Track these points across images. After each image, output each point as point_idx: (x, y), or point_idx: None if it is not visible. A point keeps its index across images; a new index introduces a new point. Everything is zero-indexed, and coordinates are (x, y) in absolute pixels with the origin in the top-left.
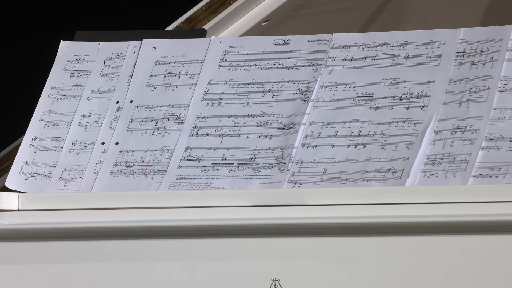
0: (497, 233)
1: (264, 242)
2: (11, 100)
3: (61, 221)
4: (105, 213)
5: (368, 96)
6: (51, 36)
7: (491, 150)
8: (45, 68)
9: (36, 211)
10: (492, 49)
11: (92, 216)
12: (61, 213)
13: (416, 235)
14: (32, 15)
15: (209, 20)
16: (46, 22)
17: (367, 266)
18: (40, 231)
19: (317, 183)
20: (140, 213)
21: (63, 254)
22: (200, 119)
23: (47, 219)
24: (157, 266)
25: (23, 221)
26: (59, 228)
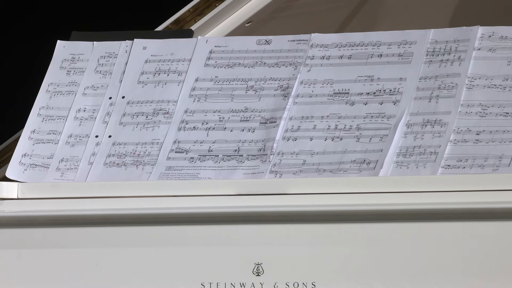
0: (464, 220)
1: (247, 228)
2: (11, 96)
3: (58, 209)
4: (99, 202)
5: (344, 92)
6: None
7: (458, 142)
8: (43, 67)
9: (35, 199)
10: (459, 48)
11: (87, 204)
12: (57, 201)
13: (389, 222)
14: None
15: (196, 21)
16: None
17: (342, 250)
18: (38, 218)
19: (296, 174)
20: (131, 202)
21: (59, 239)
22: (188, 114)
23: (45, 207)
24: (147, 250)
25: (22, 208)
26: (56, 215)
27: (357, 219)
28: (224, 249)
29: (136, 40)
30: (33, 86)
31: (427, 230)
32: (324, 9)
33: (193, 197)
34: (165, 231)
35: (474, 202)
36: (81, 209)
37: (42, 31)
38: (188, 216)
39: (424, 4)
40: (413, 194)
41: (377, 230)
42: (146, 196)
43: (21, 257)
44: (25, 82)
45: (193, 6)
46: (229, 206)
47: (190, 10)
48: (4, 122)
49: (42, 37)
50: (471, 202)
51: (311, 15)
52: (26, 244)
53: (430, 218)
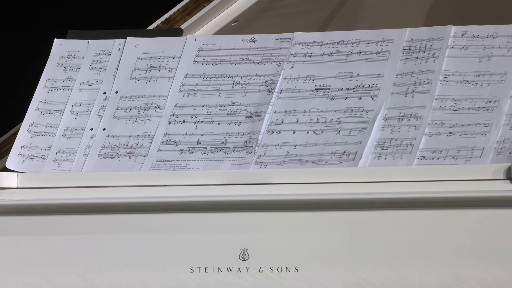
0: (439, 208)
1: (234, 216)
2: (11, 92)
3: (55, 197)
4: (94, 191)
5: (325, 88)
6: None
7: (433, 135)
8: (41, 64)
9: (33, 188)
10: (434, 46)
11: (82, 193)
12: (55, 190)
13: (368, 210)
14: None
15: (185, 21)
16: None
17: (323, 236)
18: (36, 206)
19: (280, 164)
20: (124, 191)
21: (56, 226)
22: (177, 108)
23: (43, 196)
24: (139, 237)
25: (21, 197)
26: (53, 204)
27: (337, 208)
28: (212, 235)
29: (128, 38)
30: (32, 82)
31: (403, 217)
32: (306, 9)
33: (182, 186)
34: (156, 219)
35: (447, 191)
36: (77, 197)
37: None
38: (178, 204)
39: (401, 4)
40: (390, 183)
41: (356, 218)
42: (138, 185)
43: (21, 243)
44: (24, 78)
45: (183, 6)
46: (216, 195)
47: (179, 10)
48: (4, 116)
49: (40, 36)
50: (445, 191)
51: (294, 15)
52: (25, 231)
53: (406, 206)
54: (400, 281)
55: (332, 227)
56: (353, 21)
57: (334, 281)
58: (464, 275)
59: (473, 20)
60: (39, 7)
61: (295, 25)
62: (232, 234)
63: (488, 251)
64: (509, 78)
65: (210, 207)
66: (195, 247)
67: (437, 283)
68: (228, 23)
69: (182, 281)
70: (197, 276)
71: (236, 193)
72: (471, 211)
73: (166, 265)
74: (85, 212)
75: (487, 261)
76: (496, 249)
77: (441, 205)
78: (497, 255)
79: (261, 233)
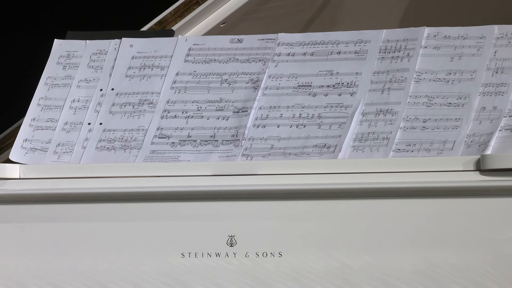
0: (413, 198)
1: (222, 205)
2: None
3: (55, 187)
4: (91, 181)
5: (307, 85)
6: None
7: (407, 129)
8: (41, 62)
9: (34, 179)
10: (408, 46)
11: (81, 183)
12: (55, 181)
13: (347, 199)
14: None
15: (177, 23)
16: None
17: (306, 224)
18: (37, 196)
19: (265, 157)
20: (120, 181)
21: (57, 214)
22: (169, 104)
23: (44, 186)
24: (133, 224)
25: (23, 187)
26: (53, 193)
27: (318, 197)
28: (201, 223)
29: (123, 38)
30: (33, 79)
31: (380, 206)
32: (289, 12)
33: (174, 177)
34: (149, 208)
35: (421, 182)
36: (75, 188)
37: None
38: (170, 194)
39: (378, 7)
40: (368, 174)
41: (335, 206)
42: (133, 176)
43: (23, 230)
44: (26, 75)
45: (174, 9)
46: (206, 185)
47: (171, 13)
48: (8, 111)
49: (40, 36)
50: (418, 181)
51: (278, 17)
52: (28, 218)
53: (383, 196)
54: (377, 265)
55: (314, 215)
56: (333, 23)
57: (315, 265)
58: (437, 260)
59: (445, 22)
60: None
61: (279, 26)
62: (220, 222)
63: (459, 238)
64: (478, 76)
65: (200, 197)
66: (186, 234)
67: (412, 267)
68: (217, 25)
69: (174, 266)
70: (188, 261)
71: (224, 183)
72: (443, 200)
73: (159, 250)
74: (83, 201)
75: (458, 247)
76: (466, 236)
77: (415, 195)
78: (467, 241)
79: (248, 221)
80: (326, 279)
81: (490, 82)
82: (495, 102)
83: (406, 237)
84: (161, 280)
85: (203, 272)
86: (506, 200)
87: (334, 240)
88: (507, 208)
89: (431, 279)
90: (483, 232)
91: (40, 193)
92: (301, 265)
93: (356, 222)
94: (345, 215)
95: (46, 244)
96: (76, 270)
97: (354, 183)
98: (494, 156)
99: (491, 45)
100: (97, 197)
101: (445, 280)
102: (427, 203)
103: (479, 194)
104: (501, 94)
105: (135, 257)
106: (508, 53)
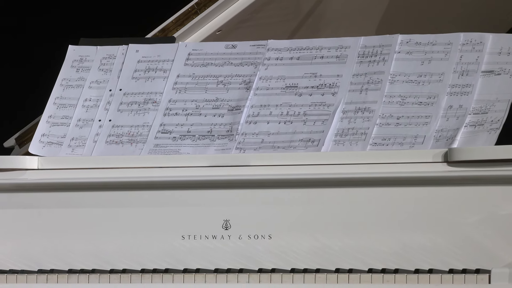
0: (388, 186)
1: (218, 192)
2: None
3: (69, 177)
4: (101, 171)
5: (294, 86)
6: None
7: (383, 125)
8: (58, 66)
9: (51, 170)
10: (384, 52)
11: (92, 173)
12: (69, 171)
13: (329, 188)
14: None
15: (178, 30)
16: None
17: (293, 209)
18: (54, 184)
19: (257, 150)
20: (127, 172)
21: (70, 200)
22: (171, 103)
23: (59, 176)
24: (140, 210)
25: (41, 177)
26: (67, 182)
27: (304, 185)
28: (199, 209)
29: (130, 45)
30: (50, 81)
31: (359, 193)
32: (278, 21)
33: (175, 168)
34: (154, 195)
35: (395, 172)
36: (87, 177)
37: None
38: (172, 183)
39: (356, 16)
40: (348, 165)
41: (319, 194)
42: (138, 167)
43: (41, 215)
44: (44, 77)
45: (175, 18)
46: (203, 175)
47: (173, 21)
48: (28, 109)
49: (56, 41)
50: (393, 172)
51: (268, 25)
52: (45, 204)
53: (361, 184)
54: (355, 246)
55: (300, 202)
56: (316, 31)
57: (301, 246)
58: (409, 241)
59: (416, 30)
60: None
61: (269, 34)
62: (216, 208)
63: (428, 222)
64: (446, 78)
65: (198, 185)
66: (185, 219)
67: (387, 248)
68: (213, 32)
69: (175, 247)
70: (187, 242)
71: (220, 173)
72: (414, 188)
73: (162, 233)
74: (94, 189)
75: (427, 230)
76: (435, 220)
77: (390, 184)
78: (436, 224)
79: (241, 207)
80: (310, 259)
81: (456, 83)
82: (460, 101)
83: (382, 221)
84: (163, 259)
85: (201, 252)
86: (470, 188)
87: (317, 224)
88: (472, 196)
89: (404, 259)
90: (450, 217)
91: (56, 182)
92: (288, 246)
93: (337, 208)
94: (327, 201)
95: (61, 227)
96: (87, 251)
97: (335, 173)
98: (460, 149)
99: (457, 50)
100: (106, 186)
101: (416, 260)
102: (401, 191)
103: (446, 183)
104: (466, 94)
105: (140, 239)
106: (472, 58)
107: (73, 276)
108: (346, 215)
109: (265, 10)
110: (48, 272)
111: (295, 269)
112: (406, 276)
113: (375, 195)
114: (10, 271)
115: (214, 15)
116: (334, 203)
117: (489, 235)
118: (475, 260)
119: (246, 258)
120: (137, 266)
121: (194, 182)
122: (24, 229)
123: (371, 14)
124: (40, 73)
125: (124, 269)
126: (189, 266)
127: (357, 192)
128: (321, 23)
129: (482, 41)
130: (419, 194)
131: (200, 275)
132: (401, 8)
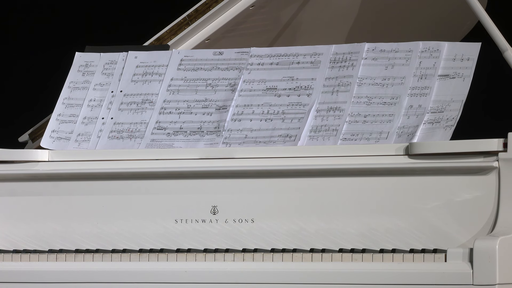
0: (356, 176)
1: (207, 182)
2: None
3: (76, 168)
4: (104, 163)
5: (273, 88)
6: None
7: (352, 123)
8: (66, 70)
9: (60, 161)
10: (353, 58)
11: (96, 165)
12: (76, 163)
13: (305, 177)
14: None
15: (171, 39)
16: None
17: (272, 197)
18: (63, 174)
19: (241, 144)
20: (127, 163)
21: (77, 189)
22: (165, 103)
23: (67, 167)
24: (138, 197)
25: (52, 168)
26: (75, 172)
27: (283, 175)
28: (190, 196)
29: (130, 51)
30: (59, 83)
31: (331, 183)
32: (259, 31)
33: (169, 160)
34: (150, 184)
35: (363, 164)
36: (92, 168)
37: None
38: (166, 173)
39: (328, 27)
40: (321, 158)
41: (296, 183)
42: (137, 159)
43: (51, 201)
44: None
45: (169, 28)
46: (194, 166)
47: (167, 31)
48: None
49: (61, 48)
50: (360, 163)
51: (251, 35)
52: (55, 192)
53: (333, 175)
54: (328, 229)
55: (279, 190)
56: (293, 39)
57: (280, 229)
58: (375, 225)
59: (381, 38)
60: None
61: (252, 42)
62: (205, 195)
63: (392, 208)
64: (407, 81)
65: (189, 175)
66: (178, 205)
67: (355, 230)
68: (203, 41)
69: (168, 229)
70: (180, 225)
71: (208, 165)
72: (379, 178)
73: (157, 217)
74: (98, 178)
75: (391, 215)
76: (398, 206)
77: (358, 174)
78: (398, 210)
79: (227, 194)
80: (288, 240)
81: (416, 86)
82: (420, 102)
83: (351, 207)
84: (159, 240)
85: (192, 234)
86: (429, 178)
87: (295, 209)
88: (430, 184)
89: (370, 240)
90: (411, 203)
91: (64, 172)
92: (268, 229)
93: (312, 195)
94: (304, 189)
95: (69, 212)
96: (92, 233)
97: (310, 164)
98: (420, 143)
99: (417, 57)
100: (109, 176)
101: (381, 241)
102: (368, 180)
103: (408, 173)
104: (424, 95)
105: (138, 222)
106: (430, 63)
107: (79, 255)
108: (320, 201)
109: (248, 21)
110: (57, 251)
111: (275, 249)
112: (372, 255)
113: (345, 184)
114: (24, 250)
115: (204, 26)
116: (310, 191)
117: (446, 220)
118: (433, 241)
119: (231, 240)
120: (135, 246)
121: (186, 172)
122: (36, 214)
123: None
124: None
125: (124, 249)
126: (181, 247)
127: (330, 181)
128: (297, 33)
129: (438, 49)
130: (384, 183)
131: (191, 254)
132: (368, 19)
